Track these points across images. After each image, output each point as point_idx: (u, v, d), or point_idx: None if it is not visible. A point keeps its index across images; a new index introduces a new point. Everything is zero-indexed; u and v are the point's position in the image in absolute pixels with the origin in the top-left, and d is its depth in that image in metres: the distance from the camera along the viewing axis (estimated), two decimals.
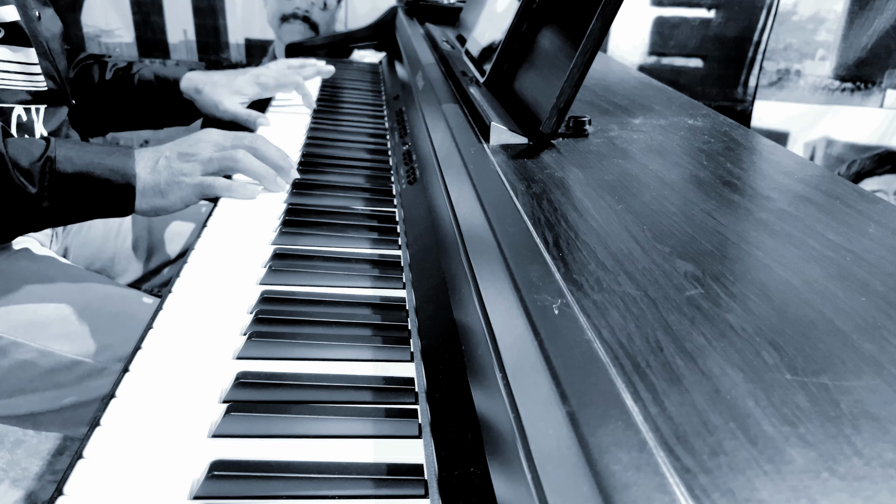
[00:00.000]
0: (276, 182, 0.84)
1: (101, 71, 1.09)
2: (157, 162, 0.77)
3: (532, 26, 0.76)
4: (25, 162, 0.69)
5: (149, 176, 0.75)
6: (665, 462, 0.26)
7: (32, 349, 0.74)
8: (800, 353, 0.33)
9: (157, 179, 0.76)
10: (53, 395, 0.76)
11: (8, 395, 0.76)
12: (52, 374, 0.75)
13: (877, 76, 1.88)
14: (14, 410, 0.77)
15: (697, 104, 0.89)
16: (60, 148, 0.71)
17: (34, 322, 0.75)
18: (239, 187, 0.82)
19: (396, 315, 0.62)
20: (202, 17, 2.00)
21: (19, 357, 0.74)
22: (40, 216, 0.72)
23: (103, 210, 0.75)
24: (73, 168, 0.71)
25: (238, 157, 0.80)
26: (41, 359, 0.74)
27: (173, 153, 0.78)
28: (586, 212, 0.50)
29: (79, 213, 0.74)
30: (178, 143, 0.80)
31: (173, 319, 0.59)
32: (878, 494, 0.25)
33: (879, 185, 1.98)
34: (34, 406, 0.77)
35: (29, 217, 0.72)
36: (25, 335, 0.75)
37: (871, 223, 0.49)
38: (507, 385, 0.37)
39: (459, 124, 0.73)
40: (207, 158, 0.79)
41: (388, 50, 1.74)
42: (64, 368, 0.75)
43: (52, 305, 0.77)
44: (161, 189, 0.76)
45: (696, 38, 1.94)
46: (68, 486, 0.41)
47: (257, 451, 0.45)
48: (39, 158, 0.70)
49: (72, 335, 0.75)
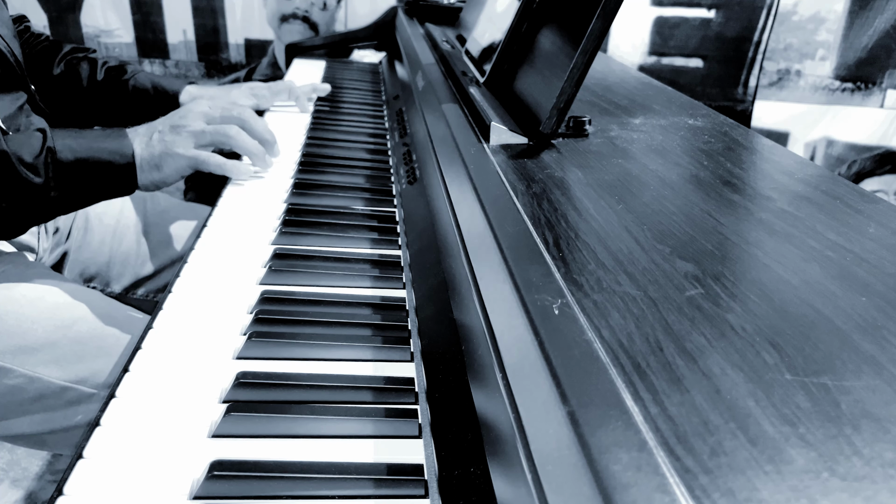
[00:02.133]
0: (264, 159, 0.89)
1: (92, 69, 1.07)
2: (150, 137, 0.79)
3: (532, 26, 0.76)
4: (28, 156, 0.70)
5: (144, 151, 0.78)
6: (665, 462, 0.26)
7: (21, 375, 0.73)
8: (800, 353, 0.33)
9: (152, 153, 0.78)
10: (42, 419, 0.75)
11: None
12: (40, 399, 0.74)
13: (877, 76, 1.88)
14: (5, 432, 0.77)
15: (697, 104, 0.89)
16: (58, 138, 0.72)
17: (23, 347, 0.73)
18: (233, 167, 0.85)
19: (396, 315, 0.62)
20: (202, 17, 2.00)
21: (7, 382, 0.73)
22: (49, 206, 0.73)
23: (108, 191, 0.77)
24: (74, 155, 0.72)
25: (231, 134, 0.84)
26: (29, 385, 0.73)
27: (165, 126, 0.81)
28: (586, 212, 0.50)
29: (85, 198, 0.76)
30: (169, 117, 0.83)
31: (173, 319, 0.59)
32: (878, 494, 0.25)
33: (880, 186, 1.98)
34: (24, 428, 0.76)
35: (39, 208, 0.73)
36: (14, 360, 0.73)
37: (872, 223, 0.49)
38: (507, 385, 0.37)
39: (459, 124, 0.73)
40: (200, 130, 0.82)
41: (388, 50, 1.74)
42: (52, 394, 0.74)
43: (41, 329, 0.75)
44: (156, 162, 0.78)
45: (696, 38, 1.94)
46: (68, 486, 0.41)
47: (257, 452, 0.45)
48: (41, 151, 0.71)
49: (60, 360, 0.74)
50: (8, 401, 0.74)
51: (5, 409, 0.74)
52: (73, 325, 0.76)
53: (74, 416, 0.75)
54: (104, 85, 1.07)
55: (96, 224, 1.01)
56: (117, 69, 1.09)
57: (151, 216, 1.06)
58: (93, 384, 0.75)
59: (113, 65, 1.09)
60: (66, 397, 0.74)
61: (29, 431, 0.76)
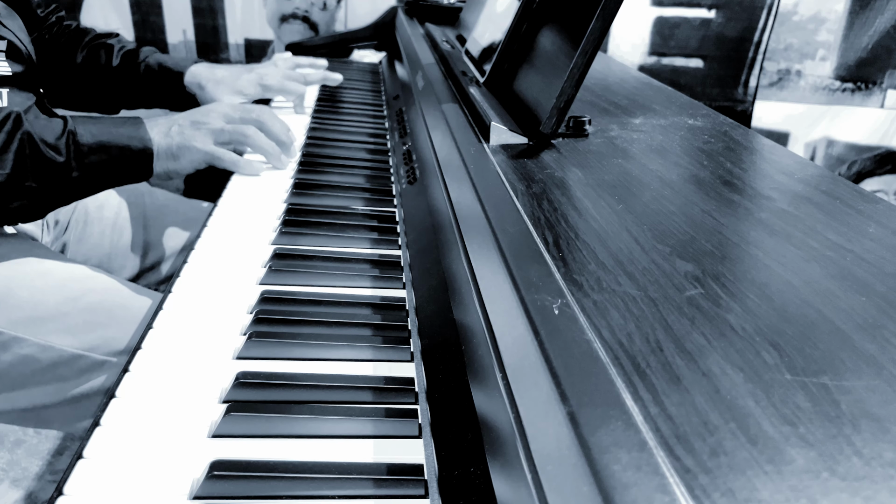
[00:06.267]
0: (280, 159, 0.92)
1: (108, 56, 1.08)
2: (170, 128, 0.83)
3: (532, 26, 0.76)
4: (51, 138, 0.74)
5: (163, 140, 0.82)
6: (665, 462, 0.26)
7: (33, 344, 0.75)
8: (800, 353, 0.33)
9: (170, 143, 0.82)
10: (55, 389, 0.76)
11: (10, 388, 0.76)
12: (53, 368, 0.75)
13: (877, 76, 1.88)
14: (17, 404, 0.77)
15: (697, 104, 0.89)
16: (77, 123, 0.76)
17: (34, 317, 0.75)
18: (245, 164, 0.89)
19: (396, 315, 0.62)
20: (201, 17, 2.00)
21: (20, 352, 0.74)
22: (71, 186, 0.76)
23: (125, 175, 0.81)
24: (94, 139, 0.76)
25: (248, 133, 0.88)
26: (42, 353, 0.75)
27: (186, 121, 0.85)
28: (586, 212, 0.50)
29: (104, 181, 0.80)
30: (190, 113, 0.87)
31: (173, 319, 0.59)
32: (878, 494, 0.25)
33: (880, 186, 1.98)
34: (36, 399, 0.77)
35: (61, 188, 0.76)
36: (26, 330, 0.75)
37: (872, 223, 0.49)
38: (507, 385, 0.37)
39: (459, 124, 0.73)
40: (219, 129, 0.86)
41: (388, 50, 1.74)
42: (65, 362, 0.75)
43: (52, 299, 0.77)
44: (174, 153, 0.82)
45: (696, 38, 1.94)
46: (68, 486, 0.41)
47: (257, 451, 0.45)
48: (62, 133, 0.74)
49: (72, 329, 0.76)
50: (22, 370, 0.75)
51: (20, 379, 0.76)
52: (83, 297, 0.79)
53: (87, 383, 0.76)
54: (119, 70, 1.09)
55: (96, 217, 1.02)
56: (132, 53, 1.09)
57: (151, 210, 1.07)
58: (105, 351, 0.76)
59: (129, 49, 1.10)
60: (78, 365, 0.76)
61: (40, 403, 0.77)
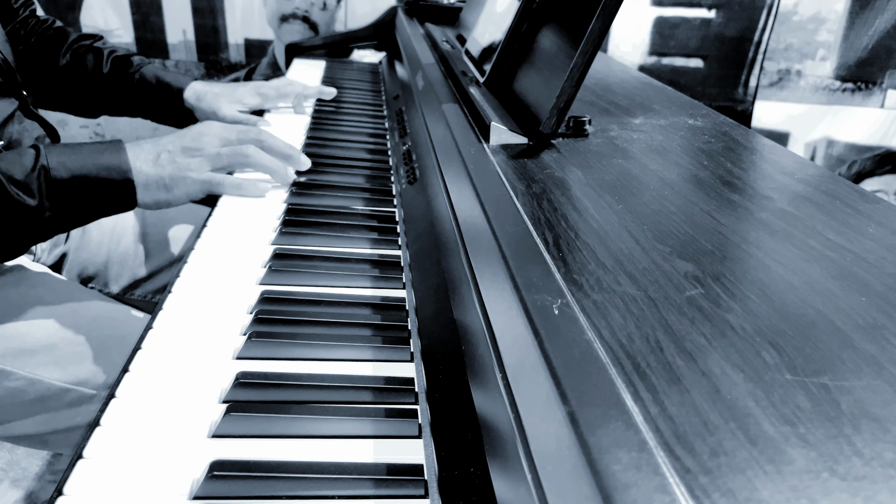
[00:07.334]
0: (286, 174, 0.85)
1: (97, 60, 1.05)
2: (158, 156, 0.75)
3: (532, 26, 0.76)
4: (20, 174, 0.67)
5: (151, 169, 0.74)
6: (665, 462, 0.26)
7: (21, 377, 0.73)
8: (800, 353, 0.33)
9: (162, 174, 0.75)
10: (44, 420, 0.75)
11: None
12: (41, 401, 0.74)
13: (877, 76, 1.88)
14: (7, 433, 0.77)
15: (697, 104, 0.89)
16: (51, 154, 0.69)
17: (23, 349, 0.73)
18: (249, 185, 0.81)
19: (396, 315, 0.62)
20: (201, 17, 2.00)
21: (8, 385, 0.73)
22: (45, 226, 0.70)
23: (106, 208, 0.74)
24: (69, 173, 0.69)
25: (248, 153, 0.80)
26: (30, 387, 0.73)
27: (176, 147, 0.77)
28: (586, 212, 0.50)
29: (82, 216, 0.73)
30: (179, 137, 0.79)
31: (173, 319, 0.59)
32: (878, 494, 0.25)
33: (880, 186, 1.98)
34: (26, 429, 0.76)
35: (34, 230, 0.70)
36: (14, 363, 0.73)
37: (872, 223, 0.49)
38: (507, 385, 0.37)
39: (459, 124, 0.73)
40: (215, 154, 0.79)
41: (388, 50, 1.74)
42: (53, 396, 0.74)
43: (41, 331, 0.75)
44: (166, 183, 0.75)
45: (696, 38, 1.94)
46: (68, 486, 0.41)
47: (257, 452, 0.45)
48: (33, 168, 0.67)
49: (60, 362, 0.74)
50: (9, 403, 0.74)
51: (7, 411, 0.74)
52: (73, 327, 0.76)
53: (76, 417, 0.75)
54: (110, 77, 1.05)
55: (94, 225, 1.01)
56: (123, 60, 1.06)
57: (150, 217, 1.06)
58: (93, 385, 0.75)
59: (119, 55, 1.07)
60: (66, 399, 0.74)
61: (31, 432, 0.76)
